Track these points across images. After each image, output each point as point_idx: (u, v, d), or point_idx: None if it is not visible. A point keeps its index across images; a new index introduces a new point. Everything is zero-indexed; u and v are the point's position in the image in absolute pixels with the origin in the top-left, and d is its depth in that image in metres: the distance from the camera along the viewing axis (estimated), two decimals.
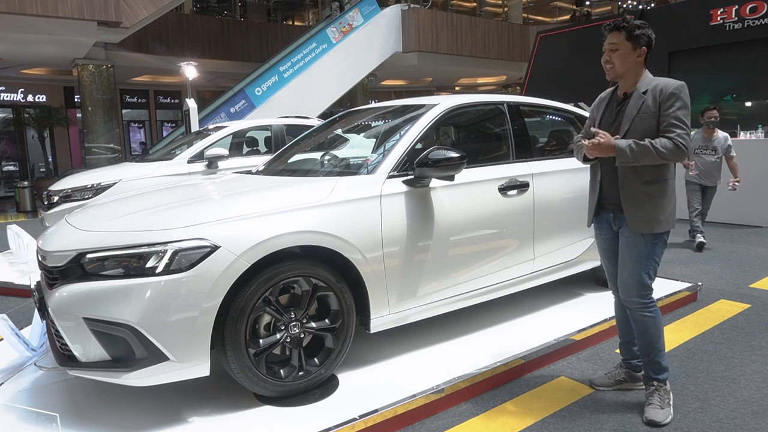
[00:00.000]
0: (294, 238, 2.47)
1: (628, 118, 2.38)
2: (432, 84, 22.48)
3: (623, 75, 2.42)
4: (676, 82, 2.36)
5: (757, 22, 8.84)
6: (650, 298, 2.46)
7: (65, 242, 2.41)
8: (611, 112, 2.51)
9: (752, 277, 4.74)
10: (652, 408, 2.43)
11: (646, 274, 2.42)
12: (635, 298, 2.44)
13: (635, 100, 2.39)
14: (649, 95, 2.35)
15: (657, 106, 2.33)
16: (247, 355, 2.38)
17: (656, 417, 2.39)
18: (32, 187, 11.79)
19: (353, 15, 15.49)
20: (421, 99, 3.61)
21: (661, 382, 2.50)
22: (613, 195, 2.48)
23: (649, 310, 2.45)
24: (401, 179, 2.87)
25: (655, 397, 2.46)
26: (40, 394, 2.65)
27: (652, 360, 2.50)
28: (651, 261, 2.42)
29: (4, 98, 16.68)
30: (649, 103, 2.34)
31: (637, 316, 2.47)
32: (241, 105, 14.01)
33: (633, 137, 2.33)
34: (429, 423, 2.46)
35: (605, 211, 2.56)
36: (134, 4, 11.35)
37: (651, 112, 2.33)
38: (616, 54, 2.40)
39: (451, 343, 3.16)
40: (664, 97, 2.32)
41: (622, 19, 2.43)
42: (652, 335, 2.47)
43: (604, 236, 2.61)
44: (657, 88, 2.35)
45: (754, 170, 7.09)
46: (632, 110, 2.38)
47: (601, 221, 2.60)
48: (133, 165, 6.60)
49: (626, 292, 2.47)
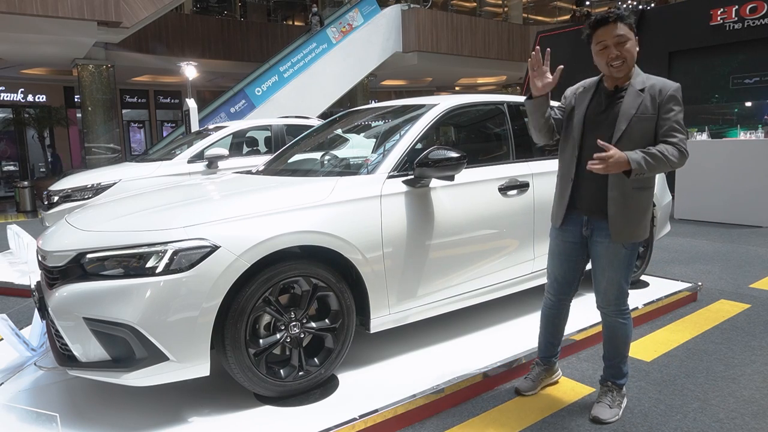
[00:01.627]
0: (294, 238, 2.47)
1: (625, 116, 2.22)
2: (432, 84, 22.48)
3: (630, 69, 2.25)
4: (673, 83, 2.25)
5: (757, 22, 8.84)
6: (626, 305, 2.42)
7: (65, 242, 2.41)
8: (600, 104, 2.32)
9: (752, 277, 4.74)
10: (600, 406, 2.43)
11: (625, 282, 2.37)
12: (614, 306, 2.40)
13: (632, 98, 2.23)
14: (647, 95, 2.22)
15: (656, 108, 2.20)
16: (247, 355, 2.38)
17: (602, 414, 2.38)
18: (32, 187, 11.79)
19: (353, 15, 15.50)
20: (421, 99, 3.61)
21: (616, 386, 2.48)
22: (592, 199, 2.33)
23: (623, 316, 2.42)
24: (401, 179, 2.87)
25: (607, 396, 2.46)
26: (40, 394, 2.65)
27: (615, 365, 2.48)
28: (630, 269, 2.36)
29: (4, 98, 16.69)
30: (648, 103, 2.21)
31: (611, 322, 2.44)
32: (241, 105, 14.02)
33: (630, 138, 2.20)
34: (429, 423, 2.46)
35: (576, 213, 2.41)
36: (134, 4, 11.36)
37: (650, 113, 2.21)
38: (627, 46, 2.20)
39: (451, 343, 3.16)
40: (664, 99, 2.20)
41: (621, 9, 2.25)
42: (621, 342, 2.44)
43: (566, 238, 2.46)
44: (655, 88, 2.22)
45: (754, 170, 7.08)
46: (630, 109, 2.22)
47: (568, 222, 2.44)
48: (133, 165, 6.60)
49: (605, 301, 2.41)
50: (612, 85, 2.32)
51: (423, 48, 16.31)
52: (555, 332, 2.67)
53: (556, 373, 2.77)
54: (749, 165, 7.14)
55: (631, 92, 2.25)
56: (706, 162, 7.54)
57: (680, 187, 7.75)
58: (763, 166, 7.03)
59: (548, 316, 2.65)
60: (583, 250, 2.46)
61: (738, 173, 7.22)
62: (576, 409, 2.54)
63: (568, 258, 2.50)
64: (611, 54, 2.22)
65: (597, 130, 2.29)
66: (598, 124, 2.30)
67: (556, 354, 2.73)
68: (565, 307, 2.63)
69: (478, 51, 17.72)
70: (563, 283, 2.55)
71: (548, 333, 2.68)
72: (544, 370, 2.72)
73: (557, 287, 2.58)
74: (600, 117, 2.31)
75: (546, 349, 2.71)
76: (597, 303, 2.47)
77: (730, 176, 7.29)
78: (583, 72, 2.55)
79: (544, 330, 2.69)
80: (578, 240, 2.44)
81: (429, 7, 17.41)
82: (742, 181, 7.19)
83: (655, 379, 2.82)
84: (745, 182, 7.17)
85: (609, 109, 2.29)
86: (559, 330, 2.68)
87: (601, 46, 2.26)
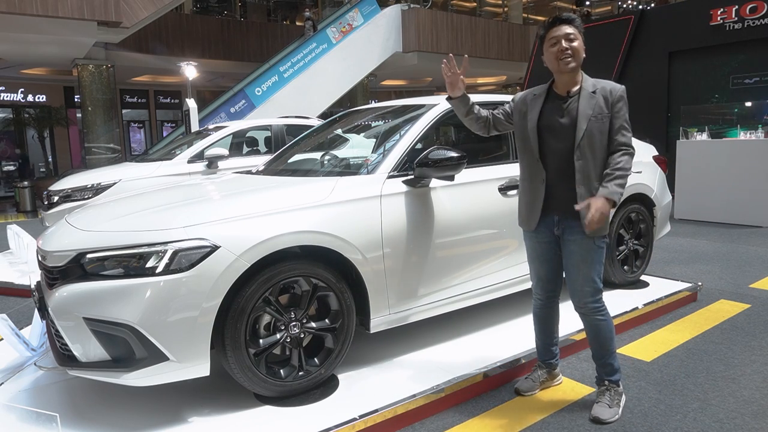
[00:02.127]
0: (294, 238, 2.47)
1: (584, 117, 2.32)
2: (432, 84, 22.48)
3: (577, 69, 2.37)
4: (619, 84, 2.38)
5: (757, 22, 8.84)
6: (602, 301, 2.45)
7: (65, 242, 2.41)
8: (555, 109, 2.40)
9: (752, 277, 4.74)
10: (599, 406, 2.44)
11: (598, 277, 2.42)
12: (590, 303, 2.43)
13: (587, 100, 2.34)
14: (599, 96, 2.33)
15: (609, 108, 2.33)
16: (247, 355, 2.38)
17: (602, 415, 2.39)
18: (32, 187, 11.79)
19: (353, 15, 15.50)
20: (421, 99, 3.61)
21: (613, 383, 2.50)
22: (562, 199, 2.39)
23: (601, 313, 2.44)
24: (401, 179, 2.87)
25: (605, 396, 2.47)
26: (40, 394, 2.65)
27: (605, 362, 2.50)
28: (601, 265, 2.42)
29: (4, 98, 16.69)
30: (602, 104, 2.33)
31: (591, 321, 2.46)
32: (241, 105, 14.02)
33: (589, 138, 2.31)
34: (429, 423, 2.46)
35: (546, 214, 2.46)
36: (134, 4, 11.36)
37: (605, 113, 2.33)
38: (575, 44, 2.34)
39: (451, 343, 3.16)
40: (615, 99, 2.33)
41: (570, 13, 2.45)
42: (605, 338, 2.46)
43: (541, 239, 2.51)
44: (606, 89, 2.35)
45: (754, 170, 7.09)
46: (586, 110, 2.32)
47: (540, 225, 2.49)
48: (133, 165, 6.60)
49: (581, 299, 2.44)
50: (564, 90, 2.41)
51: (423, 48, 16.31)
52: (549, 332, 2.70)
53: (557, 377, 2.77)
54: (749, 165, 7.13)
55: (584, 95, 2.36)
56: (706, 162, 7.55)
57: (680, 187, 7.75)
58: (763, 166, 7.03)
59: (540, 317, 2.68)
60: (558, 248, 2.52)
61: (738, 173, 7.22)
62: (576, 409, 2.54)
63: (547, 258, 2.54)
64: (561, 47, 2.34)
65: (557, 134, 2.38)
66: (558, 129, 2.38)
67: (555, 356, 2.74)
68: (555, 305, 2.65)
69: (478, 51, 17.72)
70: (548, 281, 2.59)
71: (543, 334, 2.71)
72: (545, 372, 2.73)
73: (544, 285, 2.61)
74: (559, 122, 2.39)
75: (544, 352, 2.73)
76: (574, 305, 2.49)
77: (730, 176, 7.29)
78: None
79: (539, 332, 2.71)
80: (552, 239, 2.50)
81: (429, 7, 17.41)
82: (742, 181, 7.18)
83: (655, 379, 2.82)
84: (745, 182, 7.16)
85: (566, 113, 2.38)
86: (553, 330, 2.70)
87: (551, 42, 2.38)
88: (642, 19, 10.24)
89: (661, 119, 9.98)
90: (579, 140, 2.32)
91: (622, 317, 3.47)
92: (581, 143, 2.32)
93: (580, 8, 19.48)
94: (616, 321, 3.41)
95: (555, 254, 2.52)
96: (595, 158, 2.34)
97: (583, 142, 2.32)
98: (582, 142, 2.32)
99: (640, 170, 4.06)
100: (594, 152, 2.33)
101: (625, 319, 3.48)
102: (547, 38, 2.40)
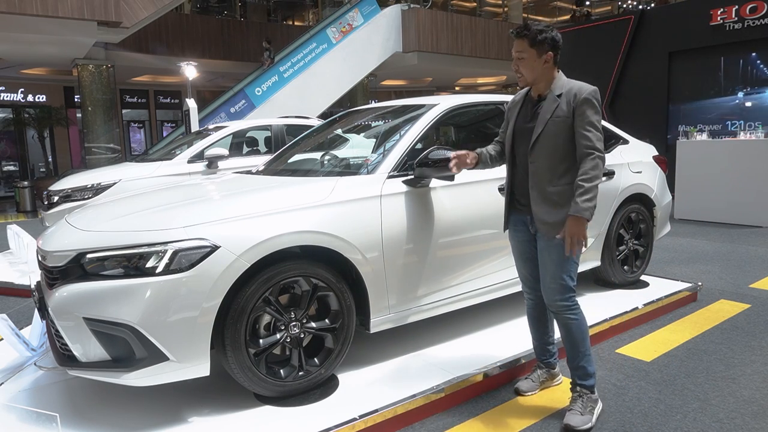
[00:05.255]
0: (294, 238, 2.47)
1: (541, 120, 2.35)
2: (432, 84, 22.48)
3: (534, 82, 2.39)
4: (589, 86, 2.35)
5: (757, 22, 8.84)
6: (573, 300, 2.43)
7: (65, 242, 2.41)
8: (526, 114, 2.47)
9: (752, 277, 4.74)
10: (571, 414, 2.38)
11: (567, 276, 2.39)
12: (559, 301, 2.41)
13: (549, 104, 2.36)
14: (563, 99, 2.33)
15: (571, 111, 2.31)
16: (247, 355, 2.38)
17: (572, 422, 2.34)
18: (32, 187, 11.79)
19: (353, 15, 15.49)
20: (421, 99, 3.60)
21: (585, 389, 2.45)
22: (526, 197, 2.45)
23: (572, 312, 2.42)
24: (401, 179, 2.87)
25: (577, 402, 2.42)
26: (40, 394, 2.65)
27: (578, 365, 2.46)
28: (570, 262, 2.39)
29: (4, 98, 16.69)
30: (563, 106, 2.32)
31: (562, 320, 2.44)
32: (241, 105, 14.02)
33: (546, 141, 2.33)
34: (429, 423, 2.46)
35: (520, 213, 2.52)
36: (134, 4, 11.35)
37: (564, 115, 2.32)
38: (523, 63, 2.36)
39: (451, 343, 3.16)
40: (579, 102, 2.30)
41: (524, 26, 2.36)
42: (576, 339, 2.43)
43: (520, 238, 2.57)
44: (571, 91, 2.33)
45: (754, 170, 7.08)
46: (545, 113, 2.35)
47: (517, 223, 2.56)
48: (133, 165, 6.60)
49: (550, 297, 2.43)
50: (536, 94, 2.45)
51: (423, 48, 16.30)
52: (543, 332, 2.70)
53: (557, 377, 2.78)
54: (749, 165, 7.13)
55: (549, 98, 2.38)
56: (706, 162, 7.54)
57: (680, 187, 7.75)
58: (763, 166, 7.03)
59: (532, 317, 2.69)
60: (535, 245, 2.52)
61: (738, 173, 7.22)
62: None
63: (528, 256, 2.57)
64: (513, 66, 2.41)
65: (522, 138, 2.45)
66: (524, 133, 2.44)
67: (552, 356, 2.74)
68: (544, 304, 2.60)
69: (478, 51, 17.72)
70: (532, 279, 2.59)
71: (537, 334, 2.71)
72: (545, 372, 2.73)
73: (529, 284, 2.63)
74: (526, 126, 2.44)
75: (541, 352, 2.73)
76: (545, 300, 2.48)
77: (730, 176, 7.29)
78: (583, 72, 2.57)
79: (533, 332, 2.73)
80: (530, 238, 2.53)
81: (429, 7, 17.40)
82: (742, 181, 7.19)
83: (655, 379, 2.82)
84: (745, 182, 7.16)
85: (532, 117, 2.43)
86: (547, 330, 2.69)
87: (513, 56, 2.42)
88: (642, 19, 10.24)
89: (662, 119, 9.98)
90: (531, 143, 2.37)
91: (622, 317, 3.47)
92: (534, 146, 2.36)
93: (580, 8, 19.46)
94: (616, 321, 3.42)
95: (534, 251, 2.53)
96: (548, 161, 2.35)
97: (536, 146, 2.36)
98: (535, 145, 2.36)
99: (640, 170, 4.07)
100: (547, 156, 2.35)
101: (625, 319, 3.48)
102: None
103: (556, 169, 2.35)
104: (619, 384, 2.77)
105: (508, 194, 2.58)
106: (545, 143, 2.35)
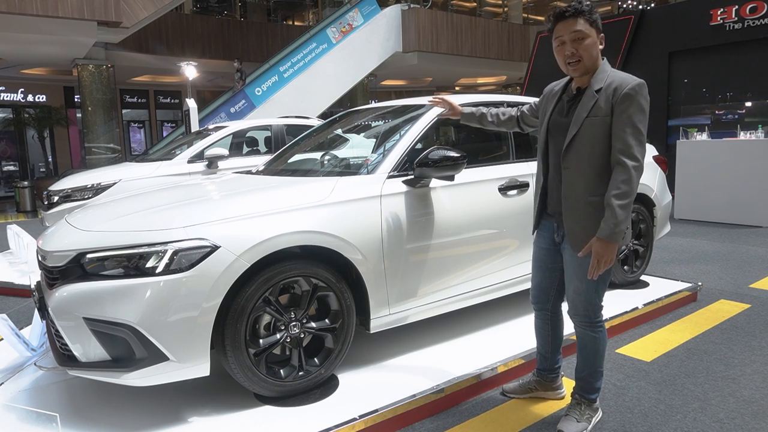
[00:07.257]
0: (294, 238, 2.47)
1: (577, 119, 2.09)
2: (432, 84, 22.48)
3: (592, 69, 2.10)
4: (634, 79, 2.04)
5: (757, 22, 8.84)
6: (598, 317, 2.26)
7: (65, 242, 2.41)
8: (562, 108, 2.22)
9: (752, 277, 4.74)
10: (566, 419, 2.31)
11: (595, 294, 2.20)
12: (582, 317, 2.26)
13: (587, 100, 2.08)
14: (602, 95, 2.05)
15: (609, 109, 2.03)
16: (247, 355, 2.38)
17: (566, 428, 2.27)
18: (32, 187, 11.79)
19: (353, 15, 15.49)
20: (421, 99, 3.60)
21: (586, 399, 2.35)
22: (557, 204, 2.24)
23: (593, 329, 2.26)
24: (401, 179, 2.87)
25: (575, 410, 2.33)
26: (40, 394, 2.65)
27: (585, 378, 2.34)
28: (600, 281, 2.17)
29: (4, 98, 16.69)
30: (602, 104, 2.04)
31: (581, 333, 2.31)
32: (241, 105, 14.03)
33: (581, 144, 2.08)
34: (429, 423, 2.46)
35: (548, 219, 2.33)
36: (134, 4, 11.36)
37: (602, 115, 2.04)
38: (585, 44, 2.04)
39: (451, 343, 3.16)
40: (618, 99, 2.01)
41: (578, 1, 2.03)
42: (590, 354, 2.29)
43: (542, 245, 2.39)
44: (611, 87, 2.05)
45: (754, 170, 7.08)
46: (582, 110, 2.08)
47: (543, 229, 2.38)
48: (133, 165, 6.60)
49: (573, 309, 2.28)
50: (575, 87, 2.20)
51: (423, 48, 16.31)
52: (543, 342, 2.57)
53: (557, 391, 2.61)
54: (749, 165, 7.13)
55: (588, 94, 2.11)
56: (706, 162, 7.54)
57: (680, 187, 7.75)
58: (763, 166, 7.03)
59: (535, 326, 2.58)
60: (557, 257, 2.36)
61: (738, 173, 7.22)
62: None
63: (542, 264, 2.43)
64: (566, 51, 2.10)
65: (557, 135, 2.22)
66: (559, 129, 2.20)
67: (552, 368, 2.58)
68: (546, 317, 2.50)
69: (478, 51, 17.73)
70: (539, 290, 2.47)
71: (538, 342, 2.60)
72: (535, 382, 2.63)
73: (536, 295, 2.50)
74: (562, 121, 2.20)
75: (540, 360, 2.62)
76: (568, 311, 2.35)
77: (731, 176, 7.29)
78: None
79: (536, 338, 2.61)
80: (551, 246, 2.36)
81: (429, 7, 17.40)
82: (743, 181, 7.19)
83: (655, 379, 2.82)
84: (745, 182, 7.17)
85: (570, 113, 2.17)
86: (547, 341, 2.54)
87: (558, 42, 2.13)
88: (642, 19, 10.24)
89: (661, 119, 9.98)
90: (564, 146, 2.13)
91: (622, 317, 3.47)
92: (568, 149, 2.12)
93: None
94: (616, 321, 3.42)
95: (552, 263, 2.39)
96: (583, 168, 2.10)
97: (571, 149, 2.11)
98: (570, 147, 2.11)
99: None
100: (582, 162, 2.09)
101: (625, 319, 3.48)
102: (554, 33, 2.14)
103: (594, 178, 2.08)
104: (619, 384, 2.77)
105: (540, 195, 2.34)
106: (580, 147, 2.09)
